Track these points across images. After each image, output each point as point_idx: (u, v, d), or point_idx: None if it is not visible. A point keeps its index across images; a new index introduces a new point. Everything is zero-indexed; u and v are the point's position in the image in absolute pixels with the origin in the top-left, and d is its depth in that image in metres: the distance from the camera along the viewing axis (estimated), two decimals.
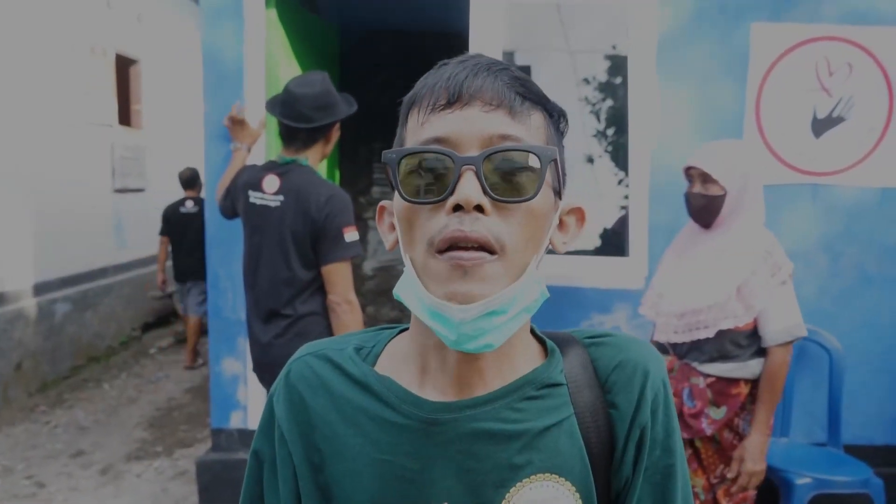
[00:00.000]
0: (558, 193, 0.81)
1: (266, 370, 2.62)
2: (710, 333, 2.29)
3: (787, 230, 3.36)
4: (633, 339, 0.85)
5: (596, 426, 0.80)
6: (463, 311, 0.71)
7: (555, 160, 0.75)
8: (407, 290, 0.77)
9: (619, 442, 0.80)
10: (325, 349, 0.86)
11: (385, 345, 0.87)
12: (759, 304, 2.27)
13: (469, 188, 0.71)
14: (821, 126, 3.35)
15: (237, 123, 3.16)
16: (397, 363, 0.83)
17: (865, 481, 2.97)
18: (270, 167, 2.61)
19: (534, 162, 0.74)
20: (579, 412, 0.80)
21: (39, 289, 5.72)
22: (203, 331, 6.09)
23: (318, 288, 2.54)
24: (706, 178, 2.30)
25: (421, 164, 0.74)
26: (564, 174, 0.83)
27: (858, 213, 3.38)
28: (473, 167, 0.72)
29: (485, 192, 0.72)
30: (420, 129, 0.76)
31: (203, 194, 5.67)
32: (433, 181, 0.73)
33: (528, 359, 0.83)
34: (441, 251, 0.72)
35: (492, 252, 0.72)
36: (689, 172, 2.37)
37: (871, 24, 3.29)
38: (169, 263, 6.33)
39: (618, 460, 0.81)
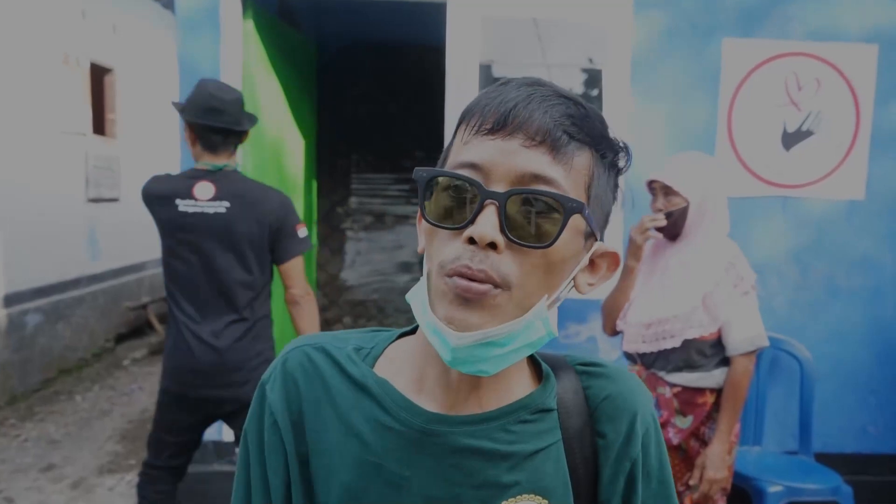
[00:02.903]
0: (593, 236, 0.79)
1: (217, 375, 2.58)
2: (677, 343, 2.33)
3: (758, 242, 3.43)
4: (624, 372, 0.87)
5: (582, 453, 0.82)
6: (458, 338, 0.71)
7: (581, 211, 0.72)
8: (416, 298, 0.78)
9: (605, 471, 0.82)
10: (323, 343, 0.86)
11: (384, 347, 0.87)
12: (723, 313, 2.31)
13: (486, 224, 0.70)
14: (790, 140, 3.42)
15: None
16: (396, 367, 0.84)
17: (836, 489, 3.02)
18: (199, 174, 2.57)
19: (557, 210, 0.72)
20: (567, 438, 0.81)
21: (10, 300, 5.63)
22: None
23: (269, 291, 2.64)
24: (668, 191, 2.33)
25: (448, 187, 0.74)
26: (608, 214, 0.81)
27: (827, 225, 3.45)
28: (496, 203, 0.71)
29: (502, 229, 0.71)
30: (461, 148, 0.75)
31: None
32: (456, 207, 0.73)
33: (523, 381, 0.84)
34: (449, 276, 0.72)
35: (496, 287, 0.71)
36: (652, 186, 2.41)
37: (837, 40, 3.37)
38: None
39: (604, 489, 0.82)
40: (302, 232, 2.61)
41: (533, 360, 0.88)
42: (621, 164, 0.80)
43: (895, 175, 3.44)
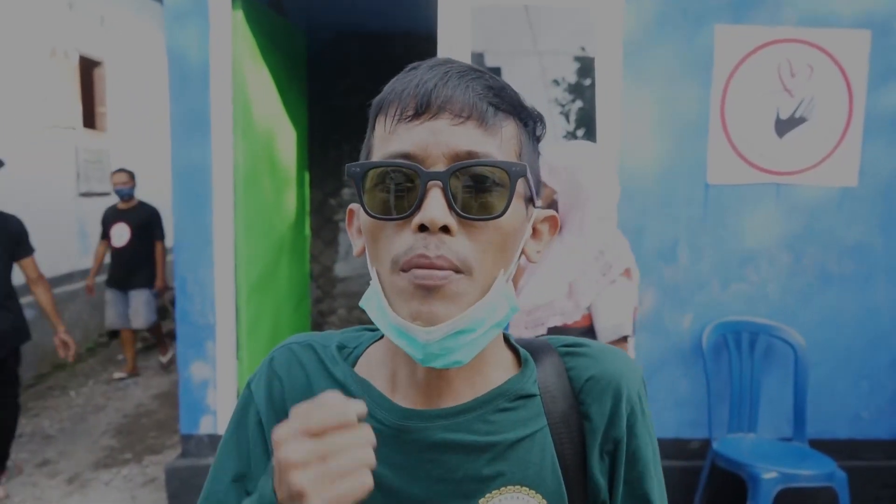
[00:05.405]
0: (531, 201, 0.78)
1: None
2: (543, 330, 2.32)
3: (751, 229, 3.43)
4: (609, 349, 0.84)
5: (570, 437, 0.80)
6: (427, 333, 0.69)
7: (525, 174, 0.73)
8: (372, 304, 0.76)
9: (593, 453, 0.80)
10: (309, 341, 0.86)
11: (366, 347, 0.86)
12: (586, 301, 2.26)
13: (435, 207, 0.68)
14: (784, 126, 3.41)
15: None
16: (374, 367, 0.83)
17: (830, 475, 3.03)
18: None
19: (503, 178, 0.71)
20: (553, 423, 0.80)
21: None
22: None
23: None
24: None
25: (386, 178, 0.71)
26: (539, 181, 0.80)
27: (820, 212, 3.45)
28: (440, 183, 0.69)
29: (451, 208, 0.69)
30: (387, 139, 0.73)
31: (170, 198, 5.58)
32: (398, 197, 0.71)
33: (500, 369, 0.82)
34: (405, 270, 0.70)
35: (457, 272, 0.70)
36: None
37: (830, 26, 3.36)
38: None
39: (592, 472, 0.80)
40: (29, 240, 3.98)
41: (511, 347, 0.86)
42: (538, 132, 0.80)
43: (888, 161, 3.44)
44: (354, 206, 0.81)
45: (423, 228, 0.69)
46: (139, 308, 5.92)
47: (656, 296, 3.44)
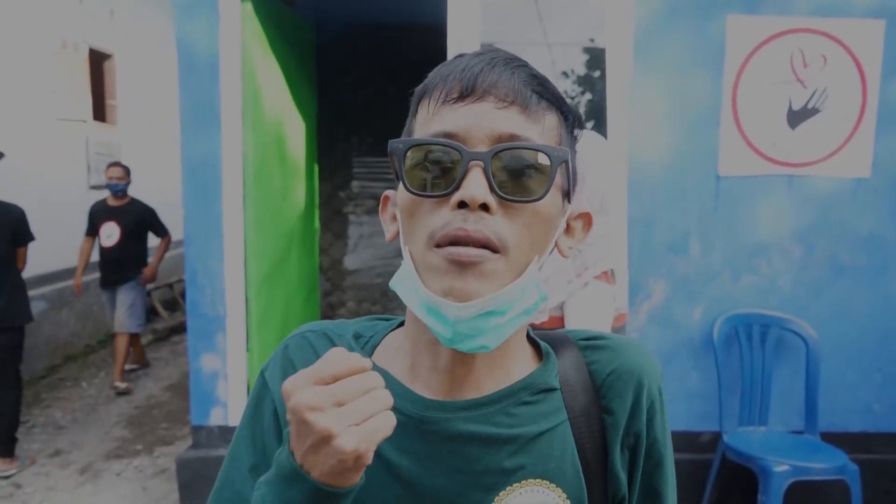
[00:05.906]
0: (567, 196, 0.79)
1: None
2: None
3: (763, 221, 3.40)
4: (629, 342, 0.84)
5: (590, 431, 0.79)
6: (459, 310, 0.69)
7: (566, 162, 0.73)
8: (403, 283, 0.75)
9: (615, 447, 0.80)
10: (324, 329, 0.85)
11: (383, 336, 0.86)
12: (554, 302, 2.12)
13: (475, 185, 0.69)
14: (796, 117, 3.38)
15: None
16: (392, 356, 0.82)
17: (842, 468, 3.02)
18: None
19: (544, 162, 0.71)
20: (573, 417, 0.79)
21: None
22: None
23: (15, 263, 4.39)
24: None
25: (428, 156, 0.72)
26: (575, 178, 0.80)
27: (832, 203, 3.42)
28: (482, 163, 0.70)
29: (491, 189, 0.70)
30: (430, 120, 0.74)
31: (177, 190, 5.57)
32: (439, 175, 0.71)
33: (522, 361, 0.82)
34: (440, 245, 0.70)
35: (494, 251, 0.70)
36: None
37: (843, 15, 3.32)
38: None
39: (613, 465, 0.80)
40: (29, 230, 4.35)
41: (531, 340, 0.85)
42: (575, 131, 0.80)
43: None
44: (390, 192, 0.82)
45: (462, 206, 0.70)
46: (122, 311, 5.59)
47: (667, 288, 3.43)
